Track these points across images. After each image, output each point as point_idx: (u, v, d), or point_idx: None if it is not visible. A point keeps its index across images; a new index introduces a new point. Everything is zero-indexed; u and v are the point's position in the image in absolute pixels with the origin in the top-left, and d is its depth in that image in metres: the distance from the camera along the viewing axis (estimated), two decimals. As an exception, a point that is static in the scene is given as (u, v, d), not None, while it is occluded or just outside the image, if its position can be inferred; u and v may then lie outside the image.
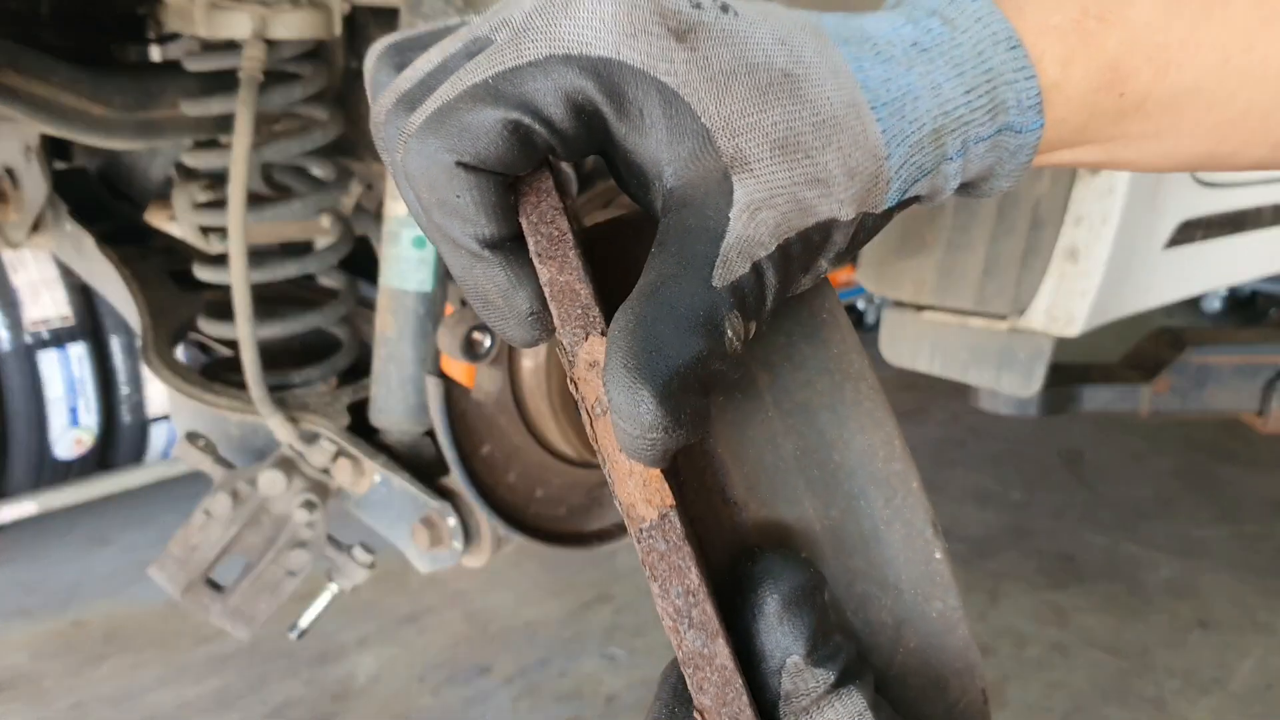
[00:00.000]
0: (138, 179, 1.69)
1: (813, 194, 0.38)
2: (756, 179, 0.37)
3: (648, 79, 0.36)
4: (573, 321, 0.37)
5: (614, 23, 0.36)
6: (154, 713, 2.64)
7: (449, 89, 0.36)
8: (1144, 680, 2.82)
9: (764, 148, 0.37)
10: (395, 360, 1.14)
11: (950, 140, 0.41)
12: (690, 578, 0.36)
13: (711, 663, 0.36)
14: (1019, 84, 0.41)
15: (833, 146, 0.38)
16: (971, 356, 1.52)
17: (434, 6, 1.08)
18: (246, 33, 1.13)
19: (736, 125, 0.36)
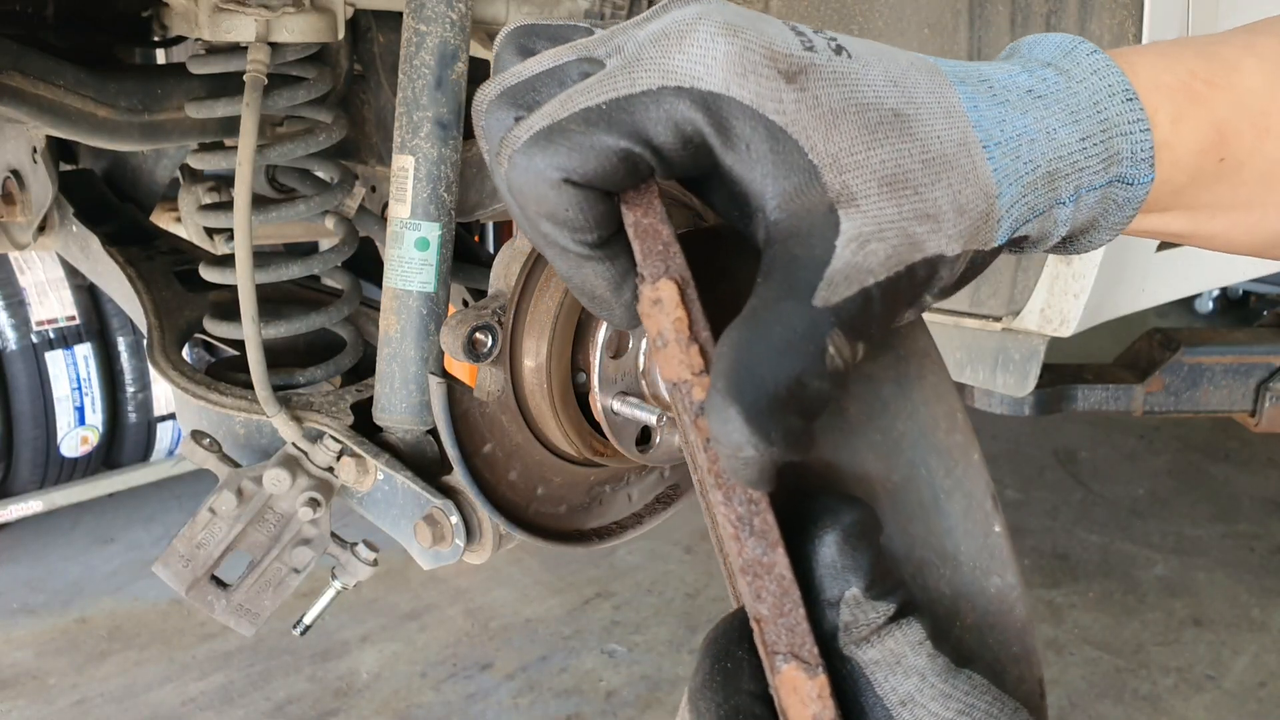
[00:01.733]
0: (143, 181, 1.70)
1: (922, 229, 0.38)
2: (864, 214, 0.37)
3: (756, 115, 0.37)
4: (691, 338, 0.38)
5: (725, 61, 0.37)
6: (157, 709, 2.66)
7: (560, 107, 0.37)
8: (1138, 677, 2.84)
9: (871, 184, 0.38)
10: (398, 360, 1.16)
11: (1064, 185, 0.42)
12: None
13: (770, 571, 0.36)
14: (1134, 135, 0.42)
15: (942, 183, 0.39)
16: (967, 357, 1.54)
17: (436, 10, 1.10)
18: (250, 36, 1.15)
19: (844, 162, 0.37)
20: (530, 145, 0.37)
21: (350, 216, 1.39)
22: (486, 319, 1.04)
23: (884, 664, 0.38)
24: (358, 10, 1.23)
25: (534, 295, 1.08)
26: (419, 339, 1.14)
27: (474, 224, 1.64)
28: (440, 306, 1.15)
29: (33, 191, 1.56)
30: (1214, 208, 0.46)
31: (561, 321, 1.09)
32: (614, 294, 0.40)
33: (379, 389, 1.18)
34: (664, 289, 0.38)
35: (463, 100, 1.12)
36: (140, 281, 1.48)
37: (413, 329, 1.14)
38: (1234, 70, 0.44)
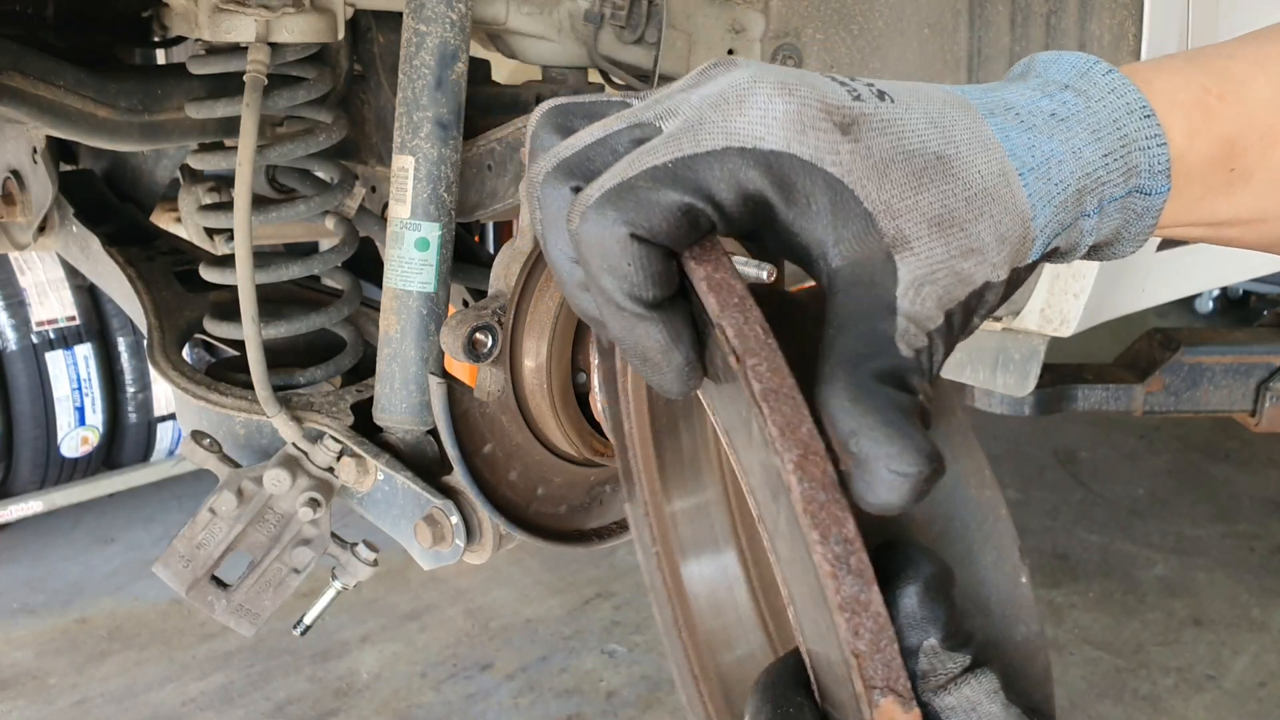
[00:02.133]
0: (143, 181, 1.70)
1: (969, 264, 0.41)
2: (916, 256, 0.40)
3: (815, 170, 0.39)
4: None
5: (785, 119, 0.39)
6: (157, 709, 2.66)
7: (628, 167, 0.39)
8: (1138, 677, 2.84)
9: (922, 226, 0.40)
10: (398, 360, 1.16)
11: (1089, 199, 0.44)
12: (848, 527, 0.37)
13: (867, 609, 0.37)
14: (1152, 150, 0.45)
15: (985, 217, 0.41)
16: (967, 356, 1.54)
17: (436, 10, 1.10)
18: (250, 36, 1.15)
19: (896, 208, 0.40)
20: (602, 202, 0.38)
21: (350, 217, 1.39)
22: (487, 319, 1.04)
23: (960, 710, 0.39)
24: (358, 10, 1.23)
25: (534, 295, 1.08)
26: (419, 339, 1.15)
27: (474, 224, 1.64)
28: (440, 307, 1.15)
29: (33, 192, 1.56)
30: (1234, 223, 0.49)
31: (562, 322, 1.09)
32: (664, 357, 0.41)
33: (379, 389, 1.18)
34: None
35: (462, 100, 1.12)
36: (140, 282, 1.48)
37: (413, 329, 1.14)
38: (1244, 85, 0.46)
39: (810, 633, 0.42)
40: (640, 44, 1.32)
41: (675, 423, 0.70)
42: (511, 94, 1.35)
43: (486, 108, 1.31)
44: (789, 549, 0.41)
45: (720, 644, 0.71)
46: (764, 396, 0.39)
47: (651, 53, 1.32)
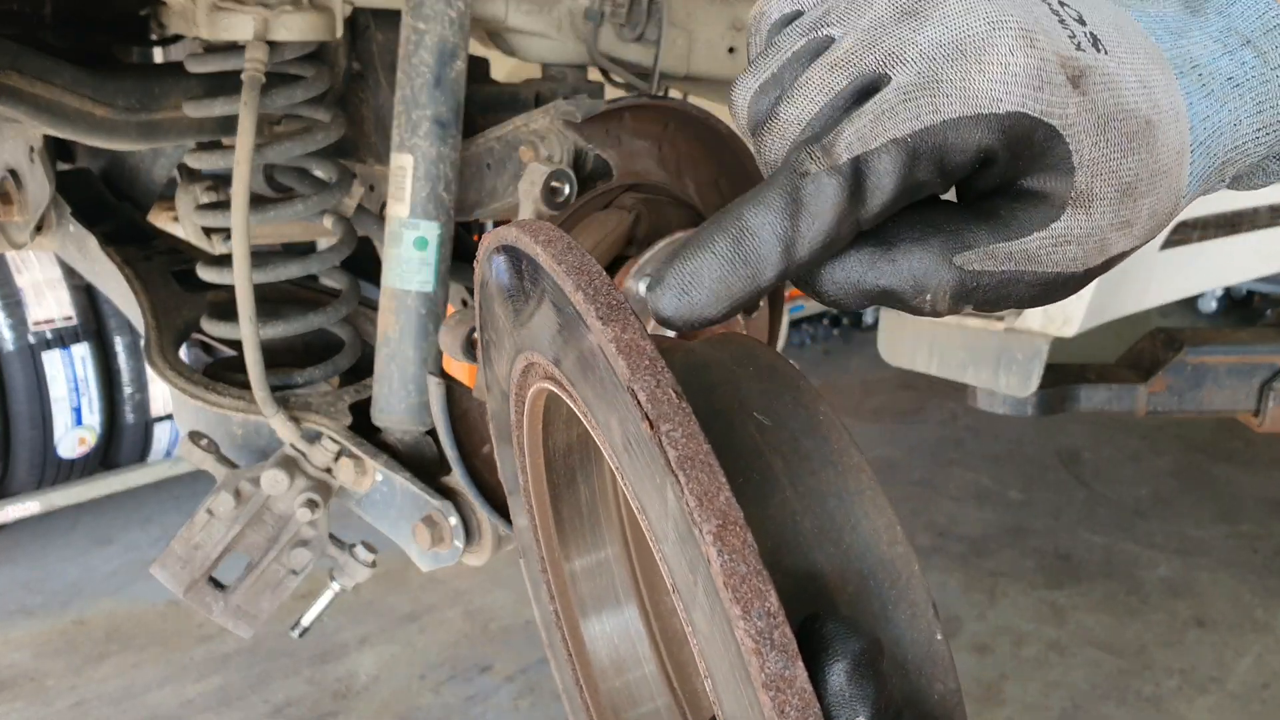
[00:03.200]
0: (141, 180, 1.70)
1: (1116, 235, 0.41)
2: (1089, 217, 0.39)
3: (1040, 124, 0.38)
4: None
5: (1025, 76, 0.37)
6: (155, 711, 2.65)
7: (872, 129, 0.37)
8: (1142, 679, 2.83)
9: (1111, 190, 0.39)
10: (397, 360, 1.15)
11: (1229, 170, 0.44)
12: (771, 600, 0.36)
13: (792, 685, 0.36)
14: None
15: (1155, 193, 0.41)
16: (969, 357, 1.53)
17: (435, 8, 1.09)
18: (248, 35, 1.14)
19: (1100, 167, 0.39)
20: (834, 168, 0.38)
21: (348, 216, 1.38)
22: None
23: None
24: (356, 8, 1.23)
25: (533, 295, 1.07)
26: (418, 339, 1.14)
27: (473, 223, 1.64)
28: (439, 306, 1.14)
29: (30, 191, 1.55)
30: None
31: (561, 321, 1.08)
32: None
33: (377, 389, 1.17)
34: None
35: (461, 98, 1.11)
36: (138, 281, 1.47)
37: (411, 329, 1.13)
38: None
39: (731, 709, 0.41)
40: (640, 41, 1.32)
41: (573, 475, 0.68)
42: (511, 92, 1.34)
43: (486, 106, 1.30)
44: (707, 622, 0.40)
45: (624, 702, 0.70)
46: (680, 464, 0.38)
47: (652, 50, 1.32)
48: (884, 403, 4.67)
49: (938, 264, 0.39)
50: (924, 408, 4.61)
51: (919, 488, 3.89)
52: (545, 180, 1.03)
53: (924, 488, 3.89)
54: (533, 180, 1.04)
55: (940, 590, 3.22)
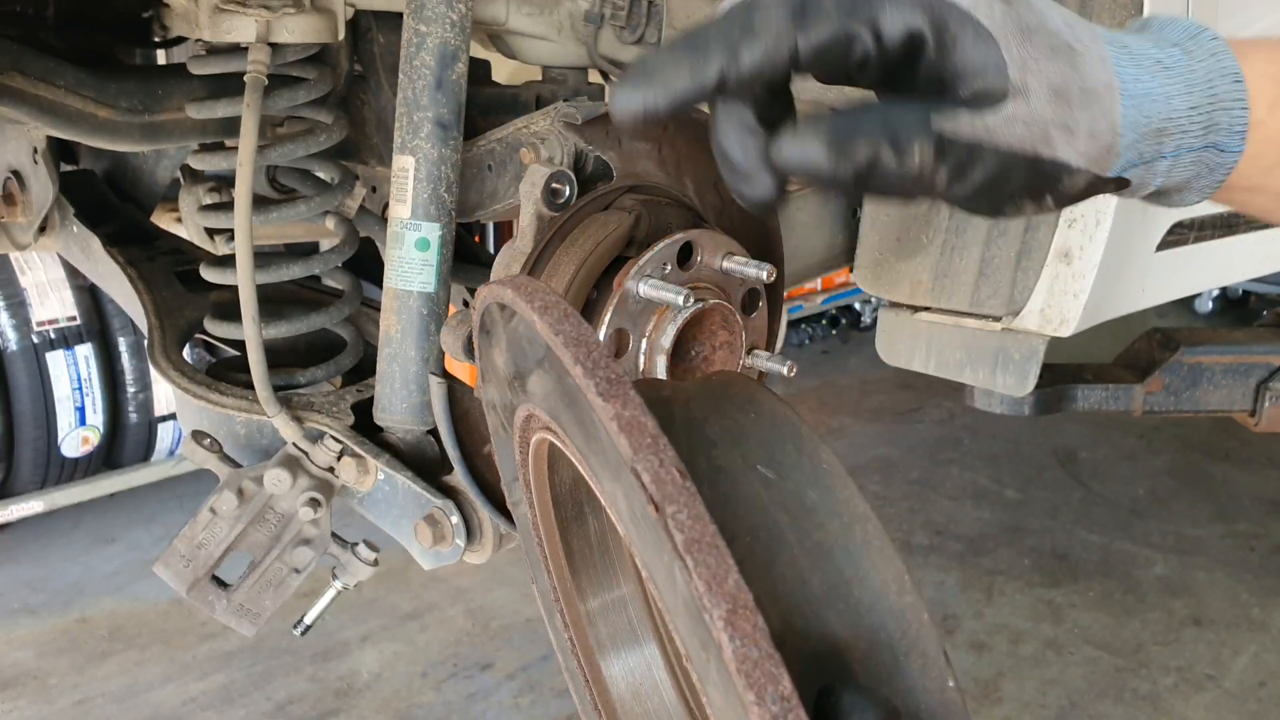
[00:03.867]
0: (144, 181, 1.70)
1: (1059, 135, 0.48)
2: (1028, 105, 0.47)
3: (968, 19, 0.46)
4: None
5: None
6: (158, 709, 2.66)
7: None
8: (1139, 677, 2.84)
9: (1044, 87, 0.48)
10: (399, 360, 1.16)
11: (1168, 141, 0.51)
12: (784, 684, 0.36)
13: None
14: (1234, 111, 0.51)
15: (1088, 110, 0.49)
16: (967, 356, 1.54)
17: (437, 10, 1.10)
18: (251, 36, 1.15)
19: (1029, 65, 0.47)
20: (789, 16, 0.44)
21: (351, 217, 1.39)
22: (487, 319, 1.04)
23: None
24: (358, 11, 1.24)
25: (534, 295, 1.08)
26: (419, 339, 1.15)
27: (474, 224, 1.64)
28: (441, 307, 1.15)
29: (33, 192, 1.56)
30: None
31: (562, 322, 1.09)
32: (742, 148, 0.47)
33: (379, 389, 1.18)
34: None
35: (463, 101, 1.12)
36: (141, 282, 1.48)
37: (413, 329, 1.14)
38: None
39: None
40: (640, 44, 1.32)
41: (581, 509, 0.68)
42: (512, 94, 1.35)
43: (487, 108, 1.31)
44: (722, 697, 0.40)
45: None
46: (687, 548, 0.38)
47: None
48: (882, 402, 4.68)
49: (918, 120, 0.46)
50: (922, 407, 4.62)
51: (917, 487, 3.90)
52: (546, 182, 1.04)
53: (922, 487, 3.90)
54: (533, 182, 1.05)
55: (938, 588, 3.23)
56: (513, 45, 1.33)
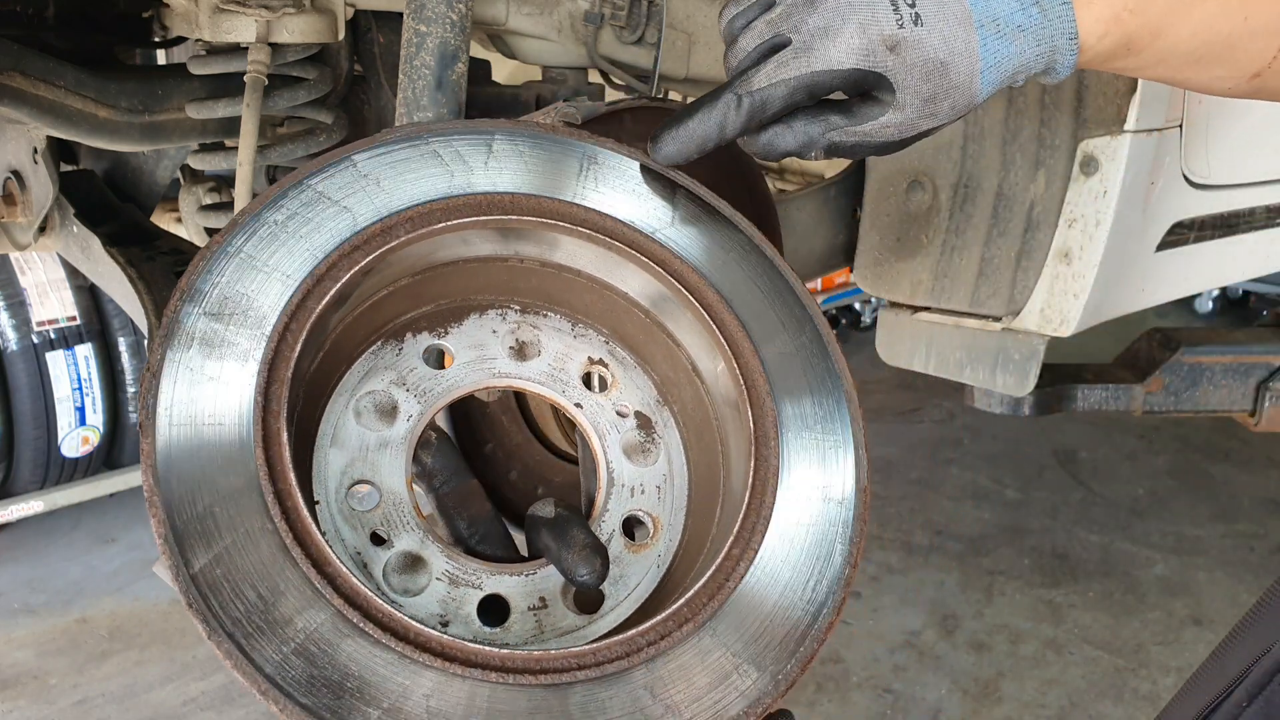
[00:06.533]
0: (144, 181, 1.71)
1: (926, 122, 0.75)
2: (903, 114, 0.74)
3: (872, 73, 0.72)
4: None
5: (858, 50, 0.72)
6: (158, 709, 2.66)
7: (775, 71, 0.74)
8: (1138, 677, 2.84)
9: (916, 100, 0.73)
10: (399, 360, 1.16)
11: (1019, 75, 0.75)
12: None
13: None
14: (1068, 56, 0.75)
15: (951, 97, 0.74)
16: (967, 356, 1.54)
17: (437, 10, 1.10)
18: (251, 36, 1.15)
19: (909, 89, 0.73)
20: (764, 90, 0.75)
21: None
22: (487, 319, 1.04)
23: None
24: (358, 11, 1.24)
25: (534, 295, 1.08)
26: (419, 339, 1.14)
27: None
28: (441, 307, 1.15)
29: (33, 192, 1.56)
30: (1128, 71, 0.78)
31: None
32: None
33: (379, 389, 1.18)
34: None
35: (463, 101, 1.12)
36: (141, 282, 1.48)
37: (413, 329, 1.14)
38: (1150, 3, 0.73)
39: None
40: (640, 44, 1.32)
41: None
42: (511, 94, 1.35)
43: (487, 108, 1.31)
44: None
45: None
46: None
47: (651, 53, 1.33)
48: (882, 402, 4.68)
49: (819, 134, 0.75)
50: (922, 407, 4.62)
51: (917, 487, 3.90)
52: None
53: (922, 487, 3.90)
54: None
55: (938, 588, 3.24)
56: (513, 45, 1.33)
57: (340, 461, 0.77)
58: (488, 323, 0.86)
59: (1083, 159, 1.31)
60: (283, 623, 0.60)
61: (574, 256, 0.82)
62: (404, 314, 0.82)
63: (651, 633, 0.66)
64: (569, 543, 0.75)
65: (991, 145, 1.38)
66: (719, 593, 0.68)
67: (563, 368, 0.87)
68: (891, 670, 2.82)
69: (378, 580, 0.75)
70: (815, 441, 0.75)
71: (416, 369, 0.82)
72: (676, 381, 0.85)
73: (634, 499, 0.84)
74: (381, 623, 0.61)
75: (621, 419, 0.85)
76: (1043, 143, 1.34)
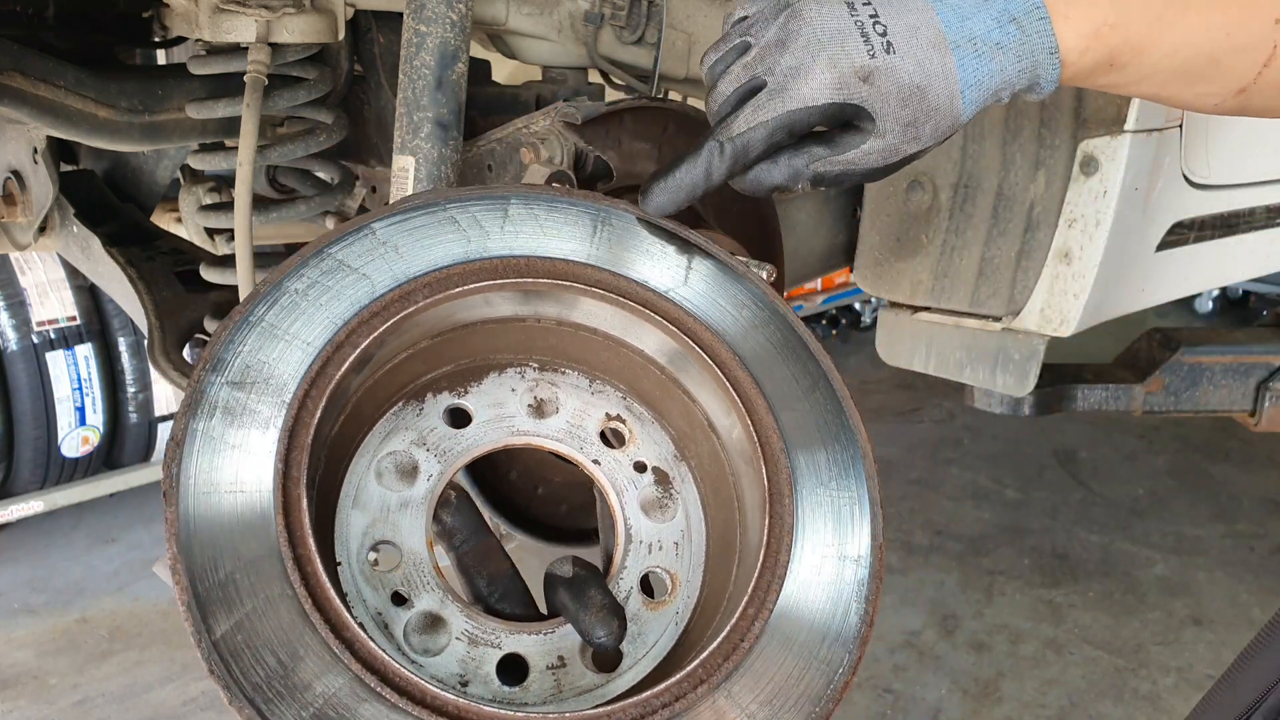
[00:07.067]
0: (144, 181, 1.71)
1: (909, 147, 0.75)
2: (884, 140, 0.74)
3: (848, 104, 0.73)
4: None
5: (831, 84, 0.72)
6: (158, 709, 2.67)
7: (753, 114, 0.75)
8: (1138, 677, 2.84)
9: (897, 126, 0.73)
10: (399, 360, 1.16)
11: (1002, 93, 0.75)
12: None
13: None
14: (1050, 71, 0.74)
15: (932, 121, 0.74)
16: (967, 356, 1.54)
17: (437, 10, 1.10)
18: (251, 36, 1.15)
19: (887, 116, 0.73)
20: (744, 134, 0.76)
21: (351, 217, 1.39)
22: (487, 319, 1.04)
23: None
24: (358, 11, 1.24)
25: (534, 295, 1.08)
26: (419, 339, 1.15)
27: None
28: (440, 307, 1.15)
29: (33, 192, 1.56)
30: (1112, 88, 0.78)
31: (562, 322, 1.09)
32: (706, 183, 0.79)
33: (379, 389, 1.18)
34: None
35: (463, 101, 1.12)
36: (141, 282, 1.48)
37: (413, 329, 1.14)
38: (1128, 15, 0.73)
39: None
40: (640, 44, 1.33)
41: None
42: (511, 94, 1.35)
43: (487, 108, 1.31)
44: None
45: None
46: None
47: (651, 53, 1.33)
48: (882, 402, 4.68)
49: (803, 166, 0.76)
50: (922, 407, 4.62)
51: (917, 487, 3.91)
52: (546, 182, 1.04)
53: (922, 487, 3.91)
54: (533, 182, 1.06)
55: (938, 588, 3.24)
56: (513, 45, 1.33)
57: (362, 523, 0.79)
58: (507, 381, 0.88)
59: (1083, 159, 1.31)
60: (302, 688, 0.61)
61: (591, 316, 0.83)
62: (424, 375, 0.84)
63: (666, 694, 0.66)
64: (586, 604, 0.76)
65: (991, 145, 1.38)
66: (734, 653, 0.69)
67: (581, 424, 0.88)
68: (891, 670, 2.82)
69: (398, 640, 0.76)
70: (830, 498, 0.76)
71: (436, 429, 0.84)
72: (693, 437, 0.86)
73: (652, 555, 0.84)
74: (399, 687, 0.62)
75: (639, 474, 0.87)
76: (1043, 143, 1.34)
